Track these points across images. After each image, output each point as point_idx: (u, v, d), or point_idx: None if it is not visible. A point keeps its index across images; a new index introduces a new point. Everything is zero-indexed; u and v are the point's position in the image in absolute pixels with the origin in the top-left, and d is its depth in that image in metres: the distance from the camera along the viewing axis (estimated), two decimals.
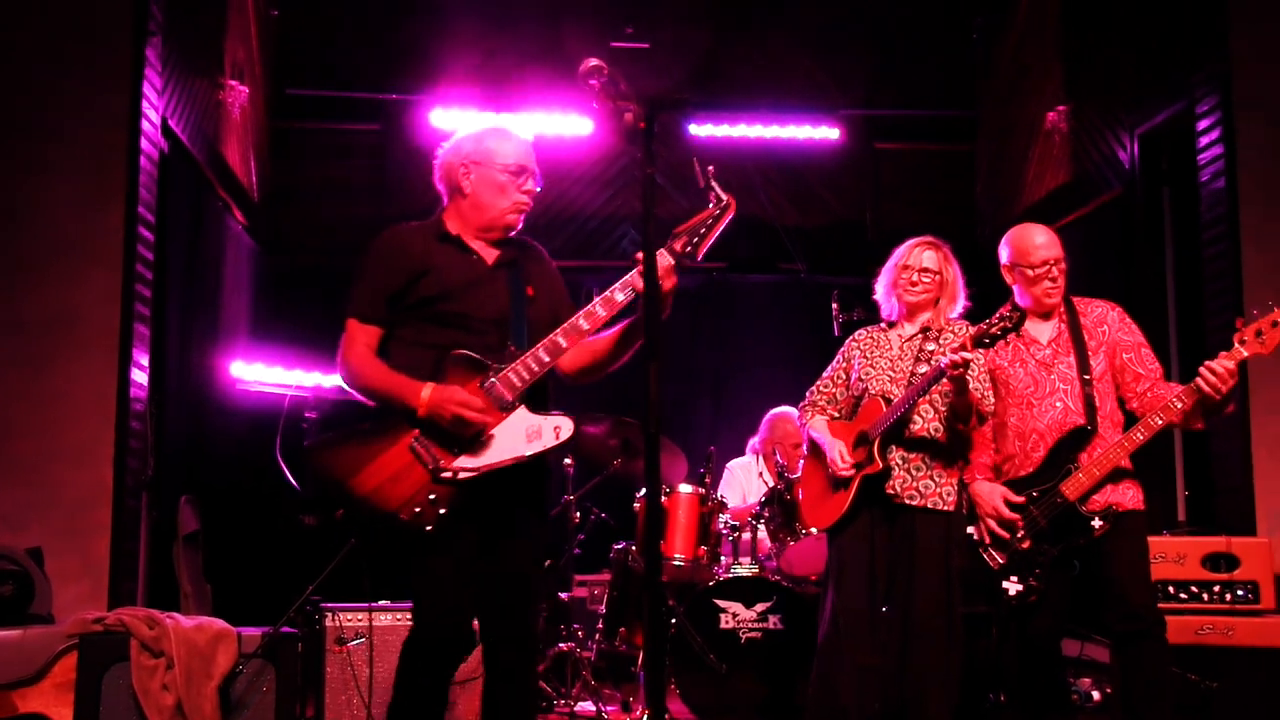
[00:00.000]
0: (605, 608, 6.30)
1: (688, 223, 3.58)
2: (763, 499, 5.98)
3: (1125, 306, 4.56)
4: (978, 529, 4.36)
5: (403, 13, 8.88)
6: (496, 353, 3.52)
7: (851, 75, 9.24)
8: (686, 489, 5.98)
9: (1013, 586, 4.25)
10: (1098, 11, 7.40)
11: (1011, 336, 4.31)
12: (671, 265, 3.50)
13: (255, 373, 7.15)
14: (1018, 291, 4.50)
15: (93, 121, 5.67)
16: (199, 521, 6.43)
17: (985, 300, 4.57)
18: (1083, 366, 4.36)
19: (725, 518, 6.07)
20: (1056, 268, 4.42)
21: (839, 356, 4.80)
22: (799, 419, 4.86)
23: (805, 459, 4.81)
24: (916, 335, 4.57)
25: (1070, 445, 4.28)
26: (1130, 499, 4.27)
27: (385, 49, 8.90)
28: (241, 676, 4.79)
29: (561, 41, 8.68)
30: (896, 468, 4.40)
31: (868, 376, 4.57)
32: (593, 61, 3.18)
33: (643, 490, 6.18)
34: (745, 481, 6.91)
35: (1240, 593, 5.08)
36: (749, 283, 9.11)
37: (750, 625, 5.66)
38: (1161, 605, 4.60)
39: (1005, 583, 4.26)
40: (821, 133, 9.05)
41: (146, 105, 5.78)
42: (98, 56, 5.71)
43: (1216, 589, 5.11)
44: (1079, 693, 5.39)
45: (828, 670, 4.43)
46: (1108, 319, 4.47)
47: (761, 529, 6.07)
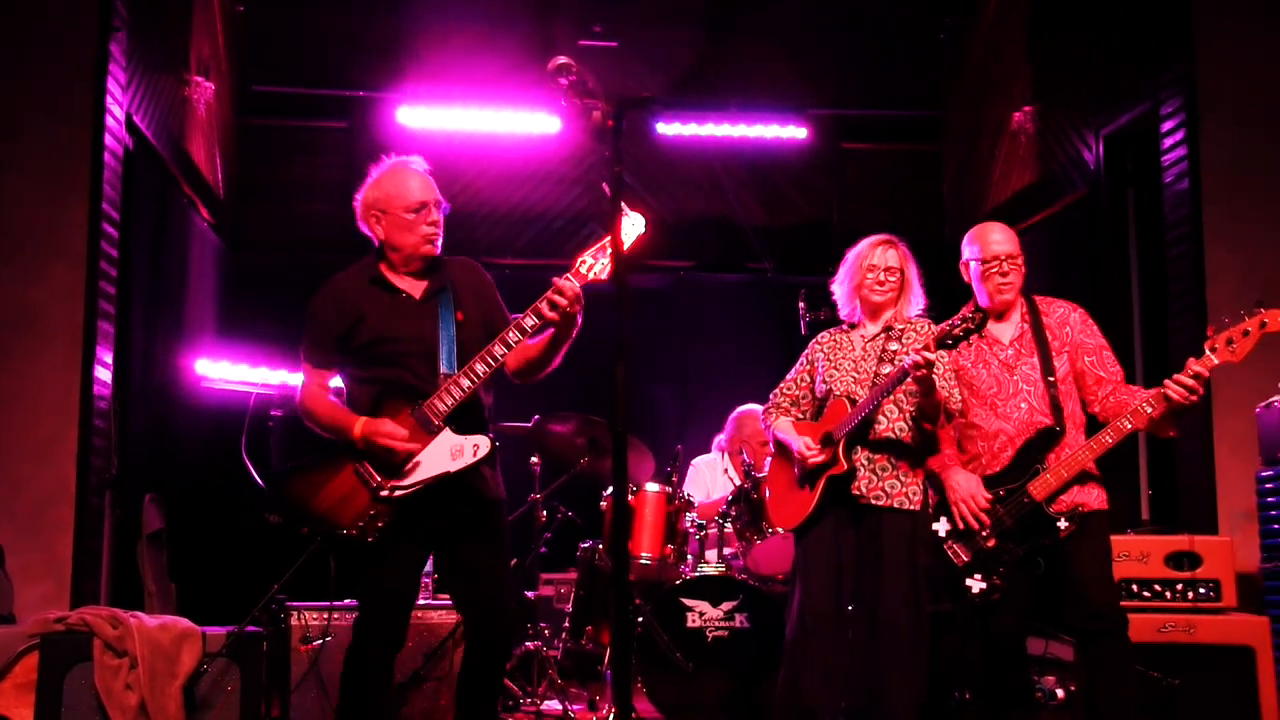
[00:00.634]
0: (572, 606, 6.29)
1: (587, 248, 3.92)
2: (729, 497, 5.99)
3: (1090, 306, 4.57)
4: (944, 523, 4.37)
5: (370, 9, 8.85)
6: (428, 381, 3.93)
7: (820, 75, 9.25)
8: (653, 487, 5.98)
9: (976, 585, 4.26)
10: (1065, 13, 7.45)
11: (975, 337, 4.33)
12: (579, 290, 3.85)
13: (220, 370, 7.11)
14: (975, 289, 4.52)
15: (56, 117, 5.62)
16: (163, 520, 6.38)
17: (952, 300, 4.59)
18: (1046, 368, 4.38)
19: (692, 516, 6.08)
20: (1008, 263, 4.43)
21: (802, 359, 4.81)
22: (763, 421, 4.87)
23: (772, 459, 4.82)
24: (879, 335, 4.58)
25: (1038, 446, 4.30)
26: (1095, 499, 4.30)
27: (352, 46, 8.87)
28: (206, 676, 4.76)
29: (529, 39, 8.67)
30: (862, 468, 4.41)
31: (832, 378, 4.58)
32: (561, 59, 3.19)
33: (609, 489, 6.17)
34: (710, 479, 6.92)
35: (1202, 591, 5.13)
36: (716, 282, 9.13)
37: (717, 624, 5.67)
38: (1125, 603, 4.63)
39: (969, 580, 4.27)
40: (789, 132, 9.06)
41: (111, 101, 5.73)
42: (61, 51, 5.66)
43: (1179, 587, 5.16)
44: (1043, 691, 5.41)
45: (794, 669, 4.45)
46: (1070, 320, 4.49)
47: (728, 528, 6.08)
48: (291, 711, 5.05)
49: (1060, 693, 5.37)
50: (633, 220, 3.86)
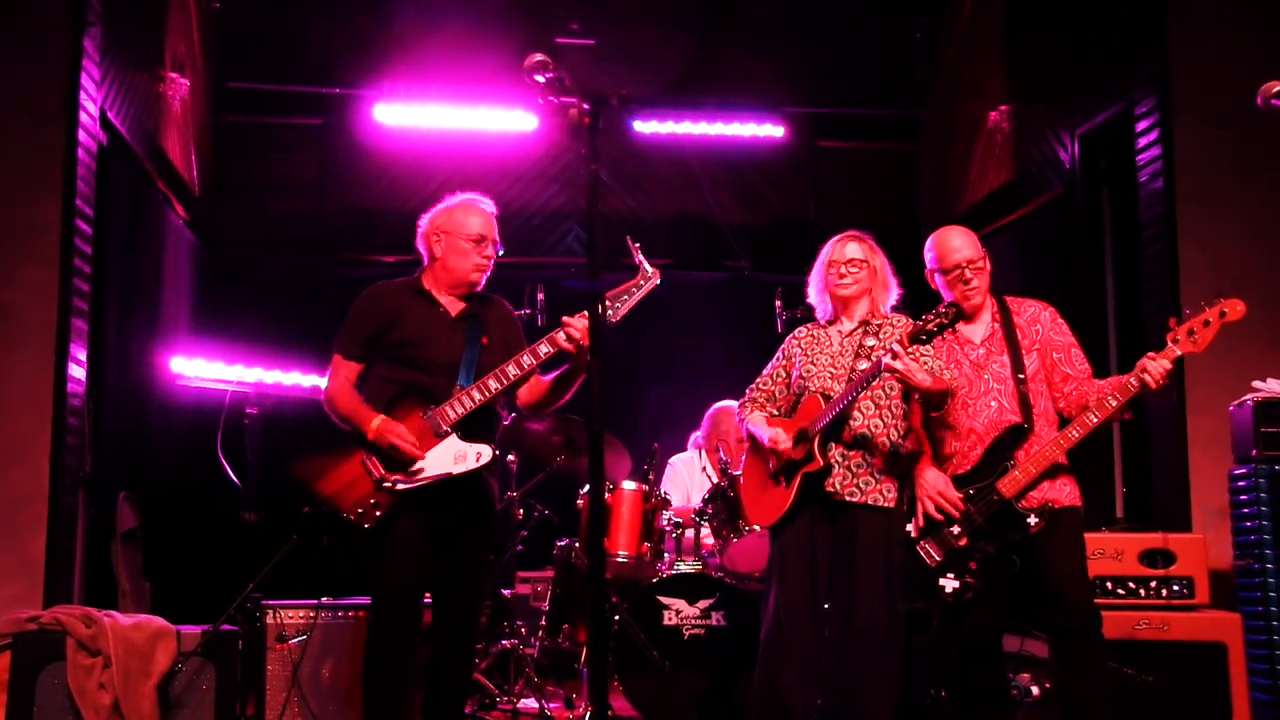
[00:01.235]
0: (548, 605, 6.28)
1: (615, 289, 4.24)
2: (706, 495, 5.99)
3: (1065, 304, 4.61)
4: (915, 522, 4.39)
5: (346, 7, 8.82)
6: (445, 391, 4.25)
7: (796, 73, 9.25)
8: (630, 485, 5.97)
9: (950, 584, 4.28)
10: (1040, 13, 7.47)
11: (948, 335, 4.36)
12: (588, 327, 3.95)
13: (196, 368, 7.08)
14: (943, 294, 4.54)
15: (29, 113, 5.58)
16: (138, 518, 6.35)
17: (930, 299, 4.60)
18: (1017, 366, 4.41)
19: (669, 514, 6.08)
20: (970, 269, 4.45)
21: (779, 354, 4.81)
22: (737, 415, 4.88)
23: (747, 455, 4.82)
24: (857, 330, 4.59)
25: (1007, 443, 4.33)
26: (1067, 495, 4.32)
27: (328, 43, 8.83)
28: (181, 675, 4.75)
29: (506, 37, 8.64)
30: (837, 465, 4.41)
31: (808, 374, 4.58)
32: (538, 56, 3.19)
33: (586, 487, 6.17)
34: (688, 477, 6.92)
35: (1176, 588, 5.17)
36: (692, 280, 9.10)
37: (693, 622, 5.67)
38: (1099, 601, 4.67)
39: (943, 580, 4.29)
40: (766, 131, 9.06)
41: (85, 97, 5.69)
42: (34, 47, 5.61)
43: (1153, 584, 5.20)
44: (1018, 688, 5.44)
45: (771, 667, 4.45)
46: (1040, 319, 4.52)
47: (705, 526, 6.08)
48: (267, 711, 5.02)
49: (1035, 690, 5.40)
50: (649, 274, 4.30)
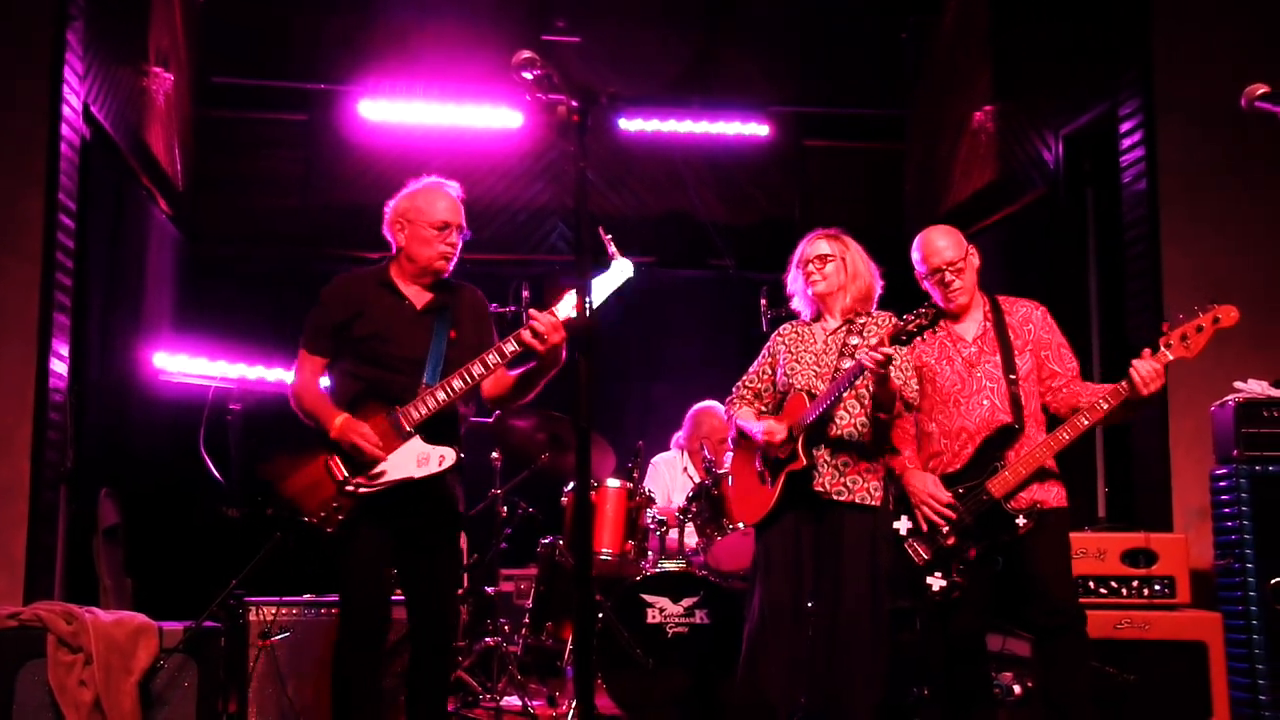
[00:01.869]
0: (532, 602, 6.28)
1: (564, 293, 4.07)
2: (690, 494, 5.99)
3: (1048, 304, 4.62)
4: (905, 521, 4.40)
5: (331, 2, 8.79)
6: (410, 389, 4.11)
7: (782, 72, 9.26)
8: (614, 483, 5.97)
9: (937, 583, 4.29)
10: (1025, 13, 7.50)
11: (941, 332, 4.37)
12: (559, 322, 4.01)
13: (179, 364, 7.05)
14: (931, 294, 4.55)
15: (11, 107, 5.53)
16: (120, 514, 6.32)
17: (914, 299, 4.60)
18: (1008, 365, 4.42)
19: (653, 512, 6.08)
20: (950, 271, 4.46)
21: (764, 351, 4.82)
22: (725, 412, 4.89)
23: (734, 452, 4.83)
24: (841, 328, 4.60)
25: (997, 443, 4.34)
26: (1054, 497, 4.34)
27: (313, 38, 8.80)
28: (163, 672, 4.73)
29: (492, 33, 8.63)
30: (823, 464, 4.42)
31: (793, 372, 4.59)
32: (526, 53, 3.19)
33: (570, 485, 6.17)
34: (670, 477, 6.92)
35: (1157, 588, 5.20)
36: (677, 278, 9.11)
37: (677, 620, 5.68)
38: (1082, 600, 4.68)
39: (930, 579, 4.29)
40: (751, 129, 9.06)
41: (67, 91, 5.65)
42: (16, 40, 5.57)
43: (1135, 584, 5.22)
44: (1001, 687, 5.45)
45: (755, 665, 4.45)
46: (1033, 318, 4.54)
47: (687, 525, 6.08)
48: (249, 707, 5.01)
49: (1017, 689, 5.41)
50: (621, 265, 4.16)
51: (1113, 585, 5.23)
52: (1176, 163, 5.99)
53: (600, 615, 5.59)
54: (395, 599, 4.25)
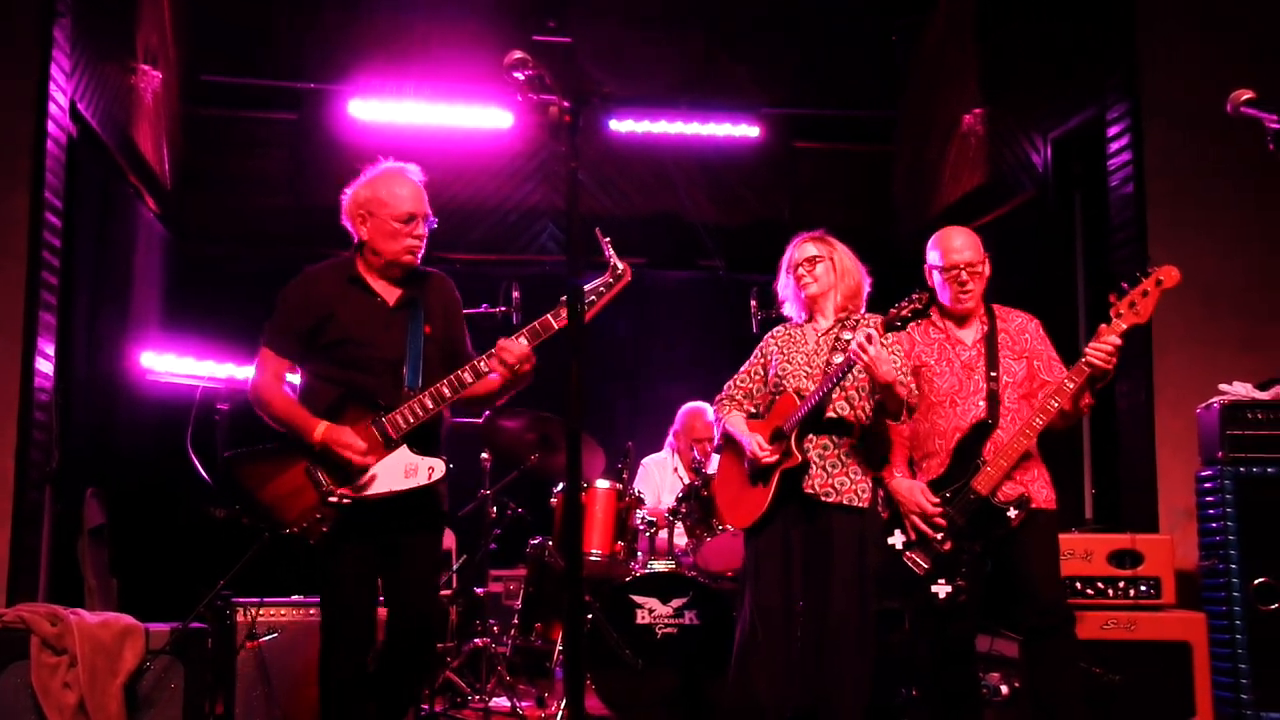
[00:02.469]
0: (521, 603, 6.27)
1: (586, 286, 3.95)
2: (680, 495, 5.99)
3: (1036, 307, 4.68)
4: (898, 535, 4.40)
5: (321, 1, 8.77)
6: (392, 393, 3.94)
7: (772, 74, 9.27)
8: (604, 484, 5.97)
9: (942, 590, 4.29)
10: (1014, 17, 7.52)
11: (941, 335, 4.38)
12: (528, 351, 3.90)
13: (166, 363, 7.02)
14: (939, 293, 4.57)
15: None
16: (105, 515, 6.29)
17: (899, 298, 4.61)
18: (991, 364, 4.46)
19: (642, 513, 6.07)
20: (967, 272, 4.49)
21: (756, 352, 4.82)
22: (714, 413, 4.88)
23: (721, 456, 4.82)
24: (833, 328, 4.60)
25: (973, 441, 4.37)
26: (1043, 498, 4.37)
27: (303, 37, 8.78)
28: (149, 673, 4.70)
29: (482, 34, 8.62)
30: (814, 463, 4.42)
31: (784, 372, 4.59)
32: (517, 54, 3.19)
33: (560, 485, 6.16)
34: (659, 478, 6.92)
35: (1143, 588, 5.22)
36: (667, 279, 9.12)
37: (666, 621, 5.67)
38: (1069, 601, 4.70)
39: (934, 587, 4.29)
40: (741, 131, 9.07)
41: (54, 88, 5.62)
42: (2, 37, 5.54)
43: (1121, 585, 5.24)
44: (988, 687, 5.46)
45: (745, 667, 4.45)
46: (1028, 329, 4.60)
47: (677, 526, 6.08)
48: (236, 709, 4.99)
49: (1005, 689, 5.42)
50: (620, 271, 4.02)
51: (1099, 586, 5.25)
52: (1163, 166, 6.02)
53: (589, 616, 5.59)
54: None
